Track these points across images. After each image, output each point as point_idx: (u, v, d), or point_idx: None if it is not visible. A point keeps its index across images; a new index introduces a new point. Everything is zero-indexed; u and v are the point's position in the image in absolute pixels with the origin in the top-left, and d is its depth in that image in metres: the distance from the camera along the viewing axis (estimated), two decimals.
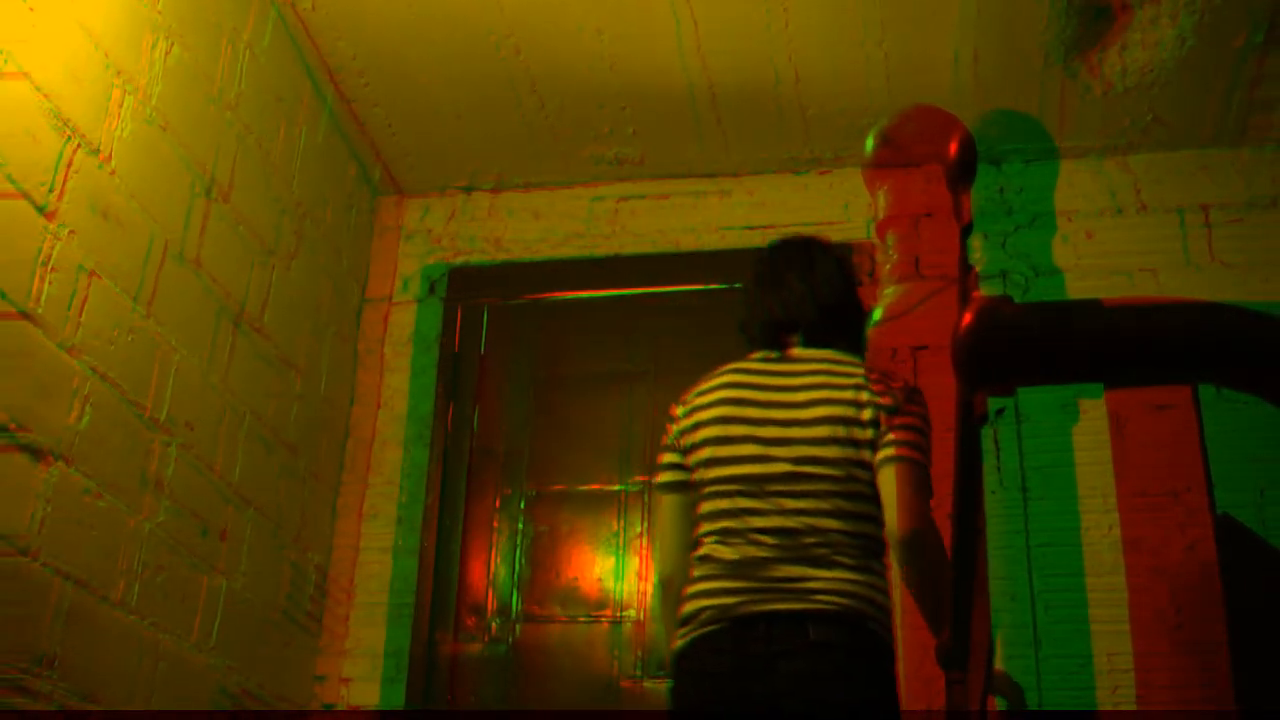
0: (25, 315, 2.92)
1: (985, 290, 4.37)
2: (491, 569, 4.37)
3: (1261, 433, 4.07)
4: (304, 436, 4.22)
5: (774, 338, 2.93)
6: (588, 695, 4.13)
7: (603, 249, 4.75)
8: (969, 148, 4.38)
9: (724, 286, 4.60)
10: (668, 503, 2.89)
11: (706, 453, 2.80)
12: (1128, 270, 4.36)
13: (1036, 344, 2.51)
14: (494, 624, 4.28)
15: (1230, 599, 3.78)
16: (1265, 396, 2.81)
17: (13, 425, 2.88)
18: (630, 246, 4.74)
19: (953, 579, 2.75)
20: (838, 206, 4.65)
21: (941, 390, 4.21)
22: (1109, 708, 3.85)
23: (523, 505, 4.42)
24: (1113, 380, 2.59)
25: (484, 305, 4.75)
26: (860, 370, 2.82)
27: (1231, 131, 4.38)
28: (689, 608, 2.69)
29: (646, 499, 4.34)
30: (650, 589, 4.22)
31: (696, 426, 2.85)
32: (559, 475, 4.45)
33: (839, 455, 2.72)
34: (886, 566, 2.74)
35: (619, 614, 4.22)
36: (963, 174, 4.08)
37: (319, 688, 4.27)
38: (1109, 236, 4.42)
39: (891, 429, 2.73)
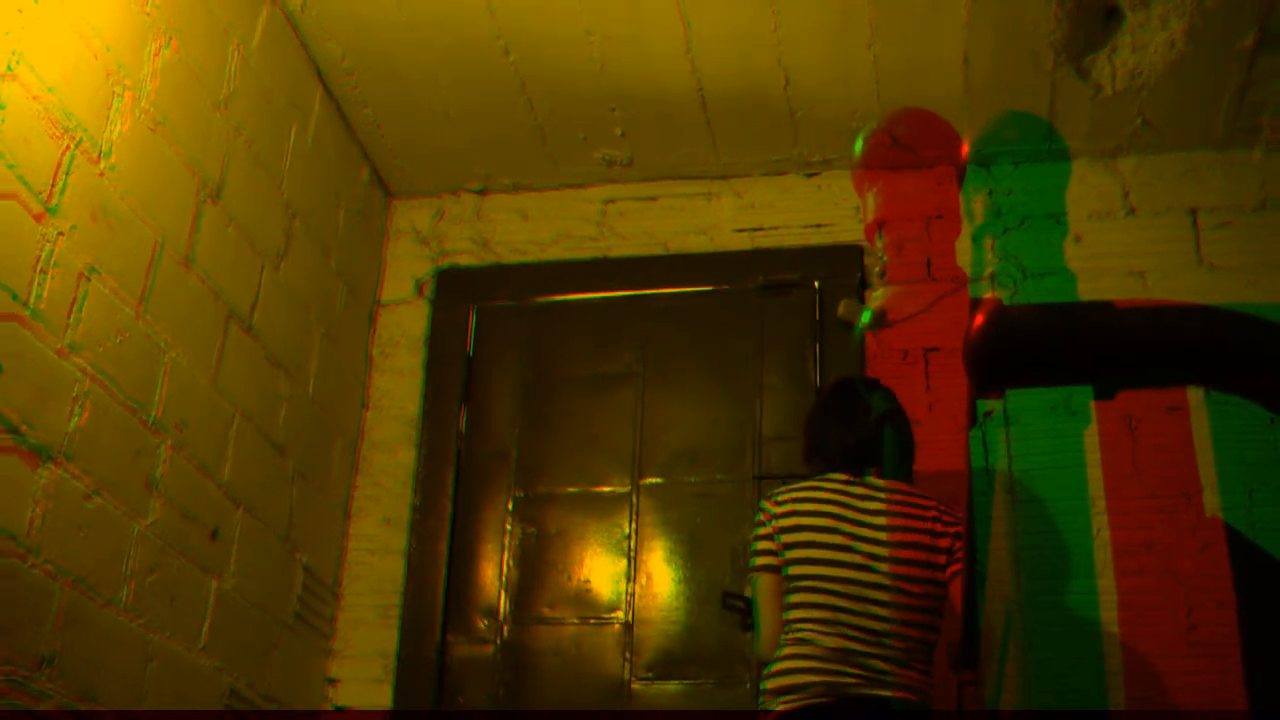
0: (25, 316, 2.90)
1: (974, 292, 4.38)
2: (481, 571, 4.35)
3: (1250, 435, 4.09)
4: (305, 438, 4.20)
5: (853, 466, 3.41)
6: (580, 697, 4.11)
7: (591, 251, 4.74)
8: (964, 151, 4.39)
9: (712, 289, 4.59)
10: (765, 582, 3.36)
11: (808, 553, 3.28)
12: (1116, 273, 4.36)
13: (1047, 347, 2.54)
14: (487, 626, 4.26)
15: (1239, 601, 3.80)
16: (1259, 399, 2.83)
17: (22, 427, 2.87)
18: (619, 249, 4.72)
19: (964, 579, 3.01)
20: (844, 208, 4.64)
21: (953, 392, 4.23)
22: (1101, 709, 3.86)
23: (512, 507, 4.40)
24: (1129, 382, 2.61)
25: (472, 307, 4.73)
26: (933, 504, 3.37)
27: (1220, 135, 4.40)
28: (796, 680, 3.17)
29: (636, 500, 4.32)
30: (640, 590, 4.22)
31: (799, 529, 3.31)
32: (551, 477, 4.43)
33: (920, 575, 3.26)
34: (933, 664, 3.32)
35: (610, 615, 4.21)
36: (962, 177, 4.10)
37: (329, 690, 4.26)
38: (1097, 239, 4.43)
39: (960, 550, 3.32)
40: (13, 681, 2.80)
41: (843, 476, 3.39)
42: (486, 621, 4.28)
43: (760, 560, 3.37)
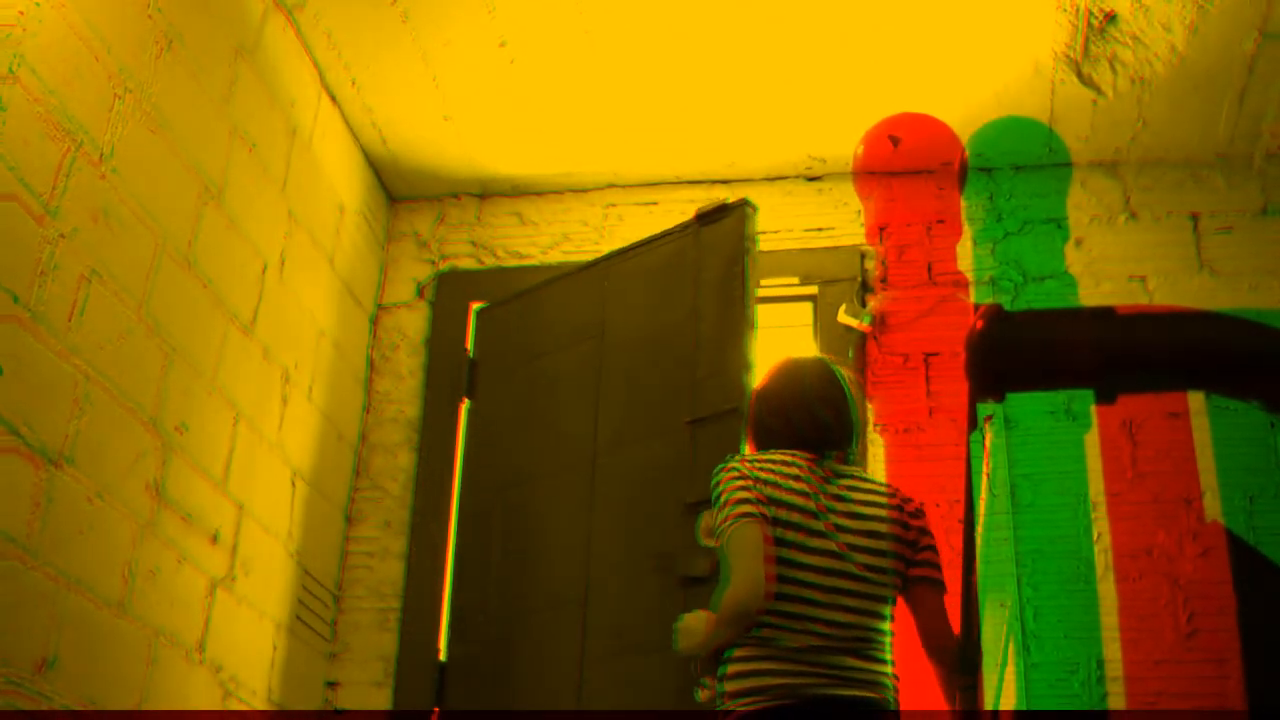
0: (26, 318, 2.90)
1: (974, 296, 4.38)
2: (480, 574, 4.34)
3: (1251, 441, 4.09)
4: (305, 441, 4.20)
5: (816, 446, 3.21)
6: (581, 691, 4.07)
7: (592, 254, 4.74)
8: (964, 156, 4.39)
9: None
10: (753, 531, 3.03)
11: (786, 534, 3.06)
12: (1117, 277, 4.37)
13: (1047, 352, 2.56)
14: (486, 629, 4.25)
15: (1239, 606, 3.81)
16: (1259, 404, 2.84)
17: (23, 428, 2.87)
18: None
19: (963, 582, 2.97)
20: (845, 212, 4.64)
21: (953, 396, 4.23)
22: (1101, 712, 3.86)
23: (511, 509, 4.39)
24: (1130, 387, 2.62)
25: (472, 309, 4.73)
26: (895, 493, 3.23)
27: (1221, 140, 4.40)
28: (757, 682, 2.99)
29: (593, 479, 4.19)
30: (597, 569, 4.04)
31: (779, 502, 3.08)
32: (547, 476, 4.39)
33: (888, 565, 3.11)
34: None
35: (578, 600, 4.13)
36: (963, 182, 4.10)
37: (329, 693, 4.26)
38: (1098, 243, 4.44)
39: (924, 549, 3.18)
40: (13, 683, 2.80)
41: (808, 455, 3.19)
42: (486, 624, 4.26)
43: (744, 509, 3.04)
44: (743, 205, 3.99)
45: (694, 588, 3.55)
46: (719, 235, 4.00)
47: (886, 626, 3.12)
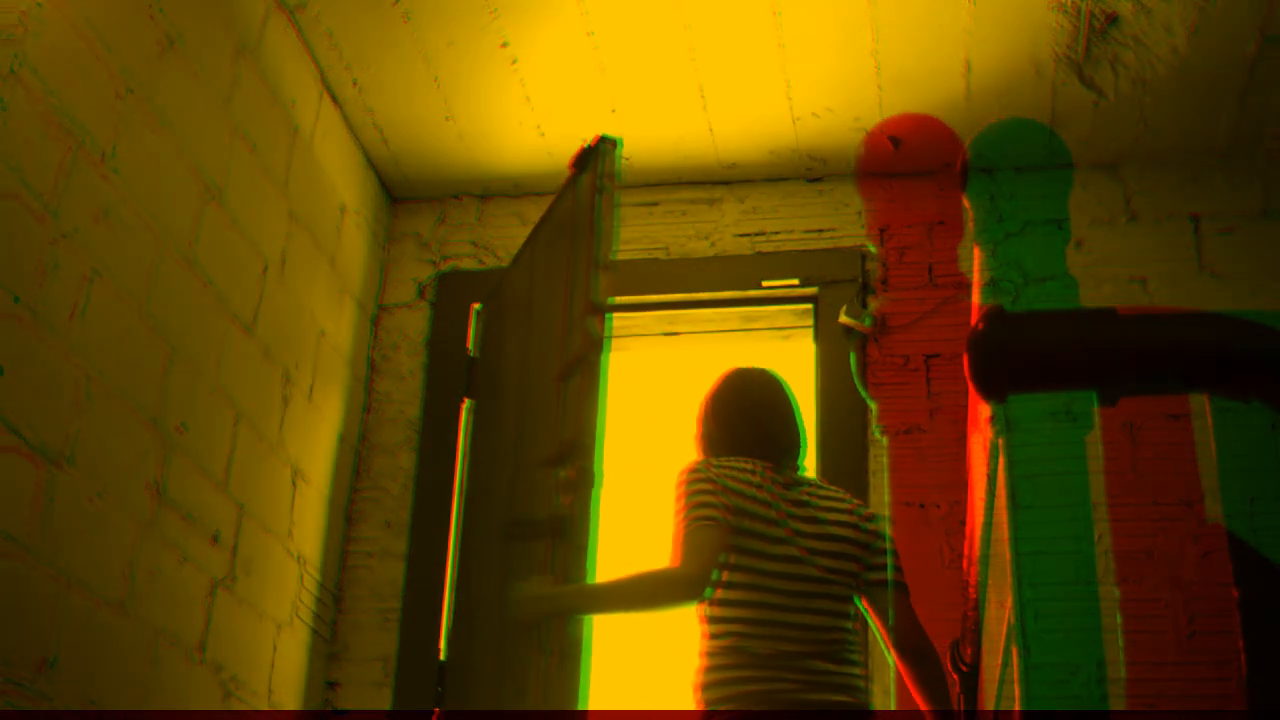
0: (27, 318, 2.90)
1: (975, 298, 4.38)
2: (481, 573, 4.34)
3: (1252, 442, 4.08)
4: (305, 441, 4.20)
5: (775, 455, 3.26)
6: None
7: None
8: (966, 157, 4.39)
9: (709, 296, 4.58)
10: (713, 536, 3.04)
11: (750, 543, 3.10)
12: (1118, 279, 4.37)
13: (1049, 353, 2.54)
14: (486, 629, 4.24)
15: (1240, 608, 3.80)
16: (1266, 405, 2.83)
17: (25, 429, 2.87)
18: (620, 253, 4.71)
19: (974, 582, 2.99)
20: (846, 213, 4.63)
21: (954, 398, 4.23)
22: (1102, 713, 3.85)
23: (494, 500, 4.36)
24: (1131, 389, 2.61)
25: (473, 309, 4.73)
26: (851, 498, 3.34)
27: (1222, 141, 4.40)
28: (733, 690, 3.02)
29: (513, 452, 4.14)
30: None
31: (742, 511, 3.10)
32: (496, 462, 4.30)
33: (850, 568, 3.19)
34: None
35: None
36: (964, 183, 4.09)
37: (330, 693, 4.26)
38: (1099, 245, 4.44)
39: (883, 552, 3.26)
40: (13, 683, 2.80)
41: (766, 464, 3.22)
42: (486, 624, 4.26)
43: (708, 512, 3.05)
44: (600, 143, 3.72)
45: (560, 548, 3.32)
46: (587, 180, 3.77)
47: (853, 626, 3.18)
